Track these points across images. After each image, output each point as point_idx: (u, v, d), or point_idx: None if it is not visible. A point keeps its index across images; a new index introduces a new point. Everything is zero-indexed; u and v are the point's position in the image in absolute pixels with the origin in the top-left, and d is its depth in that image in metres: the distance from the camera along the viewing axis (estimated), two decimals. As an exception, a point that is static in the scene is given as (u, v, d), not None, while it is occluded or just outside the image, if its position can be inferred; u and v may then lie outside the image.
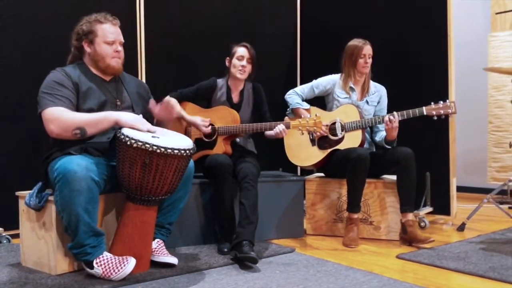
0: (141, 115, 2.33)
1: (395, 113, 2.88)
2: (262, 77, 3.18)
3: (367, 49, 3.09)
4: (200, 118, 2.92)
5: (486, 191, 3.47)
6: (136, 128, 2.20)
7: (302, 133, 2.75)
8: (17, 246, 2.58)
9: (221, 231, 2.75)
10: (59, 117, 2.15)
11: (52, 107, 2.17)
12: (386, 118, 2.88)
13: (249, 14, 4.06)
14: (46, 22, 3.12)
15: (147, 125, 2.25)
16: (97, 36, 2.33)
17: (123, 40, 2.41)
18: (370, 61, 3.10)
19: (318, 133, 3.06)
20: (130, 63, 3.31)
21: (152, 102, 2.45)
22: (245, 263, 2.39)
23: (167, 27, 3.63)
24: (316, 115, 2.71)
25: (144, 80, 3.47)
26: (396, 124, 2.86)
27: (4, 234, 2.87)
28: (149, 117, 2.57)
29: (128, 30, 3.35)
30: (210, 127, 2.93)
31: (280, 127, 2.78)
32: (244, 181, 2.67)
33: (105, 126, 2.21)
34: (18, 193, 2.43)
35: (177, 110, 2.88)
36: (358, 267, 2.36)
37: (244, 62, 2.94)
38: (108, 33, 2.34)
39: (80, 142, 2.21)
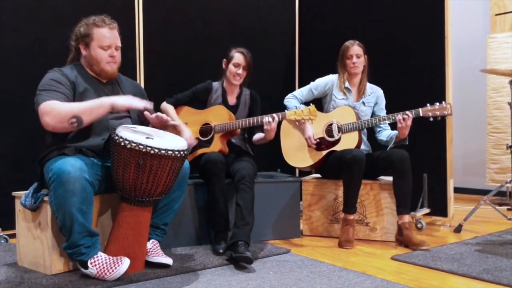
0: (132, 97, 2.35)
1: (408, 112, 2.87)
2: (260, 78, 3.20)
3: (354, 50, 3.09)
4: (190, 135, 2.84)
5: (485, 192, 3.47)
6: (133, 107, 2.25)
7: (297, 123, 2.77)
8: (14, 246, 2.59)
9: (215, 229, 2.76)
10: (54, 109, 2.14)
11: (47, 101, 2.16)
12: (400, 117, 2.87)
13: (247, 15, 4.07)
14: (45, 24, 3.13)
15: (142, 102, 2.28)
16: (92, 40, 2.34)
17: (119, 45, 2.42)
18: (358, 61, 3.10)
19: (309, 138, 3.06)
20: (128, 66, 3.34)
21: (146, 113, 2.41)
22: (240, 263, 2.40)
23: (166, 29, 3.65)
24: (310, 104, 2.74)
25: (142, 82, 3.49)
26: (409, 122, 2.85)
27: (1, 234, 2.90)
28: (145, 120, 2.59)
29: (127, 32, 3.36)
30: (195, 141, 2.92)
31: (266, 118, 2.79)
32: (241, 182, 2.68)
33: (101, 113, 2.21)
34: (14, 193, 2.44)
35: (171, 119, 2.89)
36: (352, 268, 2.36)
37: (240, 70, 2.96)
38: (103, 37, 2.34)
39: (75, 143, 2.23)
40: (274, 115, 2.81)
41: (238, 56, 2.97)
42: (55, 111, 2.14)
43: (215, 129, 2.95)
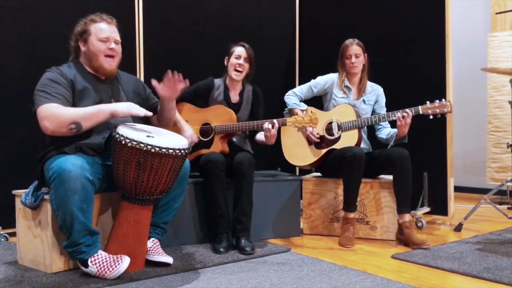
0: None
1: (407, 109, 2.87)
2: (260, 78, 3.20)
3: (353, 49, 3.09)
4: (191, 133, 2.70)
5: (486, 191, 3.46)
6: (132, 113, 2.23)
7: (298, 130, 2.77)
8: (14, 244, 2.60)
9: (215, 229, 2.75)
10: (53, 113, 2.14)
11: (46, 103, 2.16)
12: (399, 115, 2.87)
13: (247, 15, 4.07)
14: (44, 23, 3.13)
15: (142, 109, 2.26)
16: (90, 35, 2.34)
17: (118, 39, 2.41)
18: (356, 60, 3.09)
19: (310, 133, 3.06)
20: (128, 66, 3.33)
21: (154, 81, 2.38)
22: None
23: (166, 28, 3.64)
24: (311, 112, 2.73)
25: (142, 80, 3.48)
26: (409, 120, 2.85)
27: (1, 232, 2.90)
28: (147, 118, 2.58)
29: (127, 32, 3.36)
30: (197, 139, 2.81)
31: (266, 125, 2.78)
32: (240, 165, 2.75)
33: (101, 119, 2.21)
34: (14, 191, 2.44)
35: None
36: (353, 267, 2.36)
37: (241, 61, 2.95)
38: (101, 30, 2.35)
39: (76, 141, 2.23)
40: (274, 121, 2.79)
41: (239, 49, 2.98)
42: (54, 115, 2.14)
43: (215, 130, 2.95)
